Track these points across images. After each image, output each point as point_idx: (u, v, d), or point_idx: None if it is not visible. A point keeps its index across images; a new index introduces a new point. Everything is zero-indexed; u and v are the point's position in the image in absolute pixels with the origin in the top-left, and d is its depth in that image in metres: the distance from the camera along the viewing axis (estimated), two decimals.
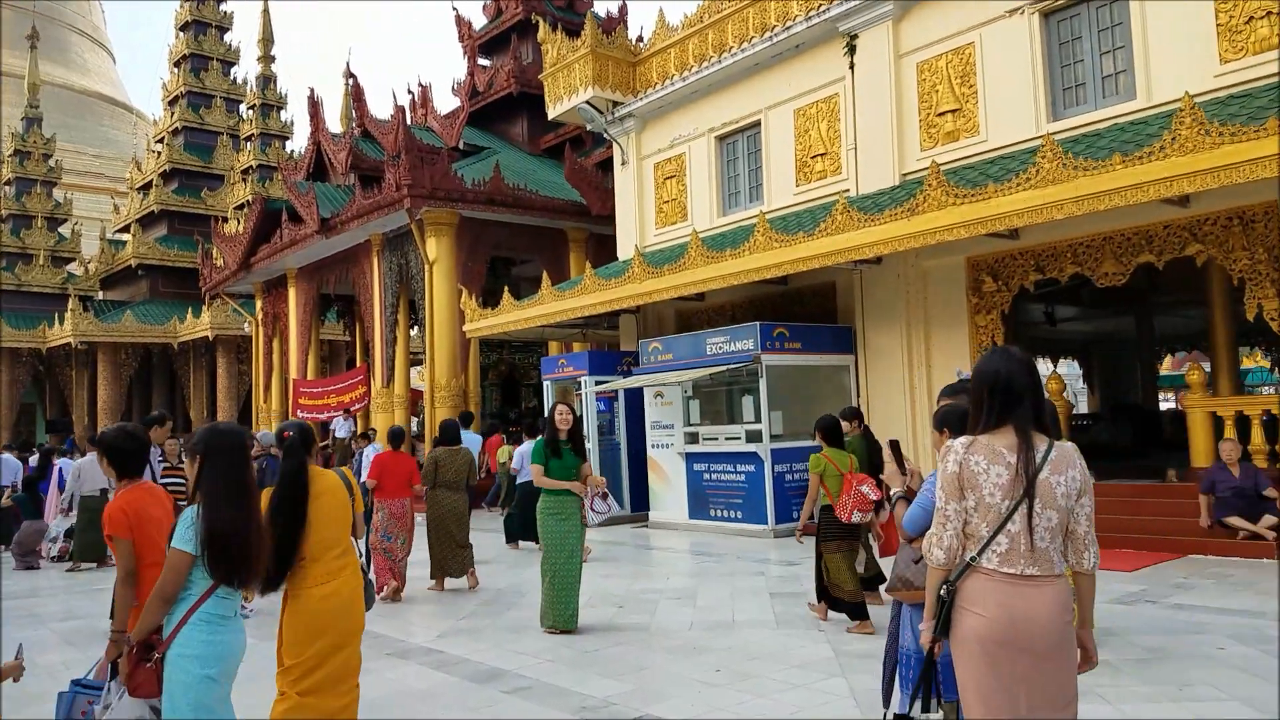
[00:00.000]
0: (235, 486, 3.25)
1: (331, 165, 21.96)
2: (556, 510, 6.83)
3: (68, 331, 29.81)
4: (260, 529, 3.34)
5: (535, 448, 6.96)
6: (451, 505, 8.85)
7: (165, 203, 32.62)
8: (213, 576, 3.18)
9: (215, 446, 3.30)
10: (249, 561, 3.24)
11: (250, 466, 3.40)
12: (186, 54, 33.76)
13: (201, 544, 3.14)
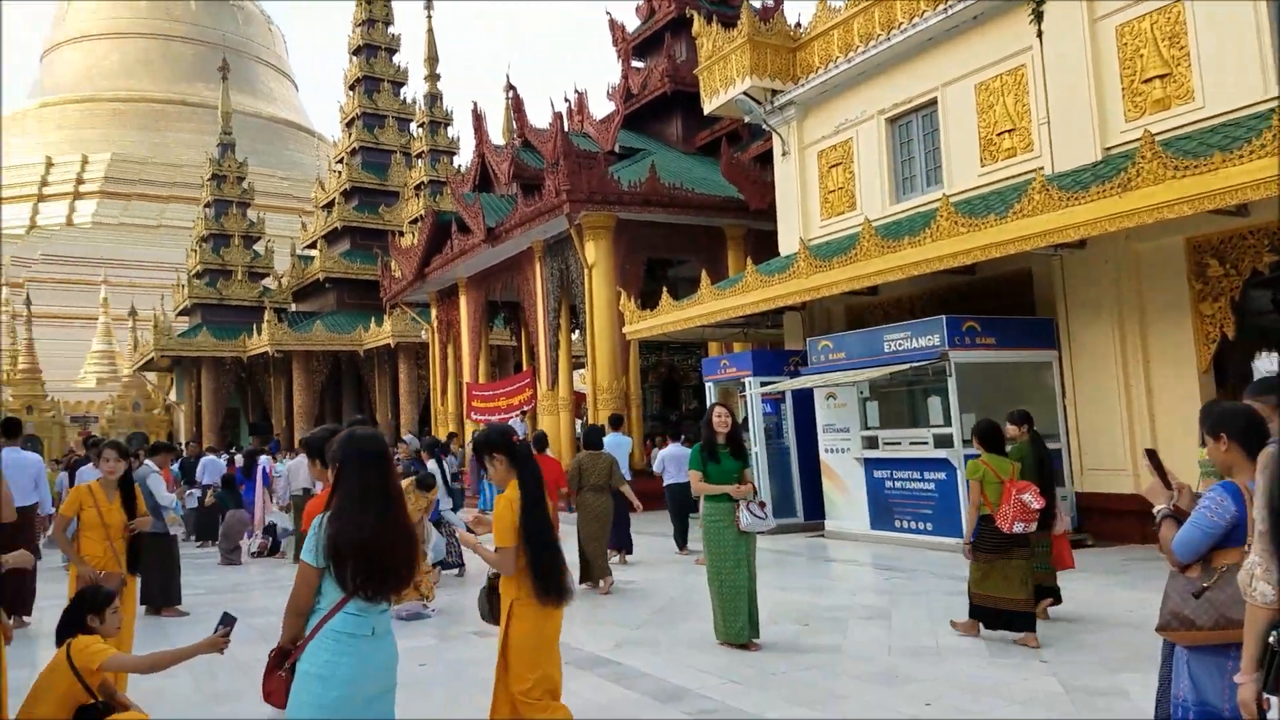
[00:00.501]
0: (370, 494, 3.03)
1: (495, 176, 22.45)
2: (720, 517, 6.45)
3: (265, 341, 32.09)
4: (404, 539, 3.09)
5: (693, 453, 6.68)
6: (598, 508, 9.06)
7: (347, 219, 34.53)
8: (340, 589, 2.96)
9: (351, 453, 3.10)
10: (385, 574, 3.00)
11: (392, 473, 3.18)
12: (360, 77, 35.60)
13: (326, 555, 2.94)
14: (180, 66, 66.45)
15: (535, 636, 3.83)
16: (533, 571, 3.77)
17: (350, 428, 3.37)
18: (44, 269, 53.89)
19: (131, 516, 5.55)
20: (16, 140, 64.68)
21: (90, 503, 5.44)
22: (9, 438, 8.78)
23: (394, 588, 3.06)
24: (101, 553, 5.39)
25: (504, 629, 3.83)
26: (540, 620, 3.84)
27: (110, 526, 5.43)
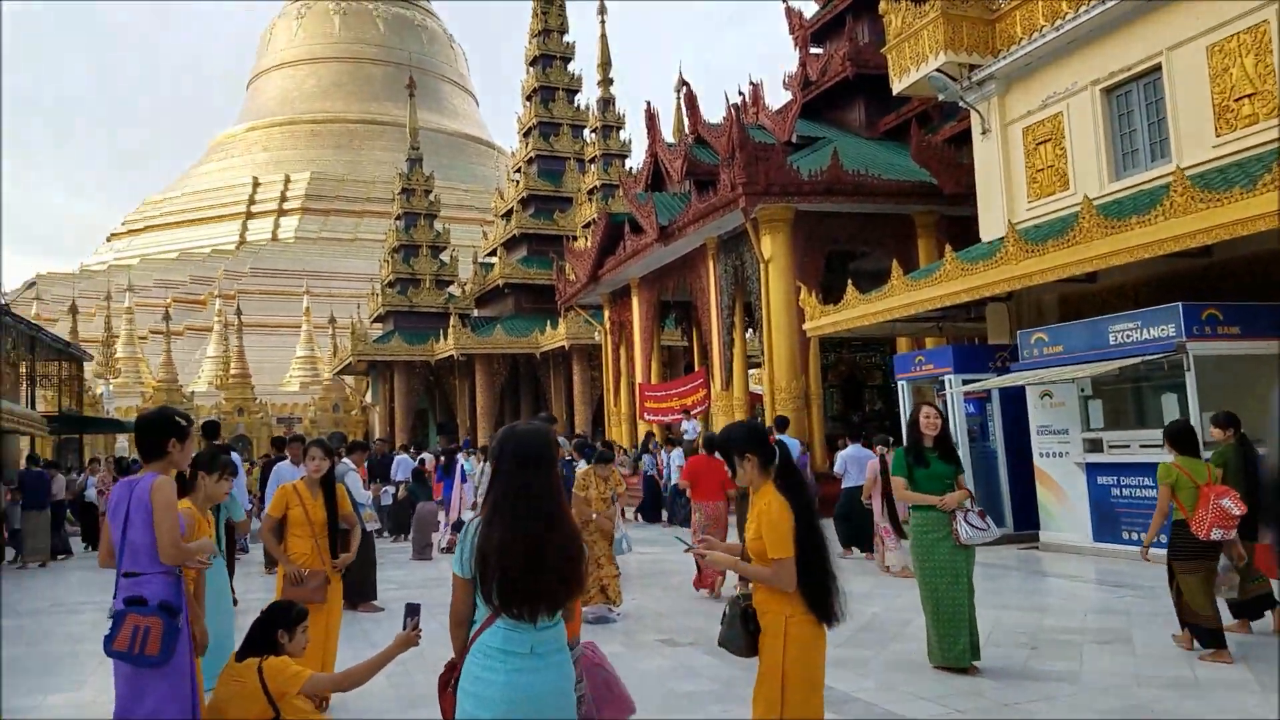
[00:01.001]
0: (524, 499, 2.68)
1: (668, 174, 22.24)
2: (932, 528, 5.80)
3: (450, 345, 33.47)
4: (562, 551, 2.69)
5: (896, 457, 6.08)
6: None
7: (523, 226, 35.51)
8: (486, 604, 2.66)
9: (507, 451, 2.74)
10: (533, 591, 2.64)
11: (553, 476, 2.79)
12: (536, 87, 36.53)
13: (474, 565, 2.64)
14: (371, 87, 70.71)
15: (813, 657, 3.36)
16: (808, 586, 3.30)
17: (511, 426, 2.98)
18: (252, 282, 58.53)
19: (334, 514, 5.50)
20: (227, 162, 70.80)
21: (296, 501, 5.44)
22: (209, 438, 9.53)
23: (546, 607, 2.68)
24: (308, 551, 5.37)
25: (778, 652, 3.33)
26: (816, 640, 3.35)
27: (315, 524, 5.40)
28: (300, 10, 73.41)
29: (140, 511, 3.62)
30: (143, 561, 3.64)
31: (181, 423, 3.81)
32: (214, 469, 4.48)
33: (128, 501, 3.67)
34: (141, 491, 3.64)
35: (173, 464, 3.79)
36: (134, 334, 50.60)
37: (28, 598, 10.50)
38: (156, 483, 3.64)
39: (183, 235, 65.74)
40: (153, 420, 3.80)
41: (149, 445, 3.74)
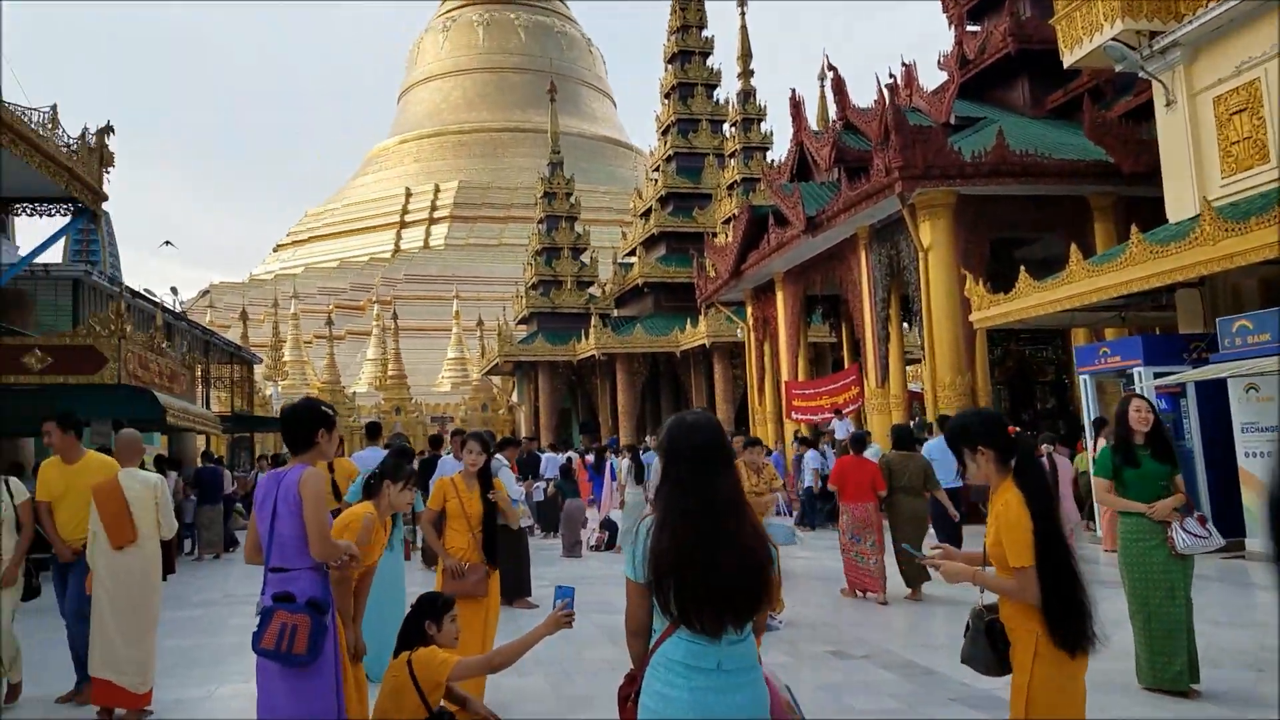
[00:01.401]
0: (699, 496, 2.40)
1: (815, 163, 21.53)
2: (1144, 535, 5.13)
3: (591, 345, 33.71)
4: (746, 556, 2.35)
5: (1101, 456, 5.39)
6: (911, 511, 8.79)
7: (662, 225, 35.39)
8: (664, 613, 2.40)
9: (679, 444, 2.45)
10: (716, 600, 2.34)
11: (730, 470, 2.46)
12: (675, 84, 36.33)
13: (648, 570, 2.38)
14: (513, 95, 72.55)
15: (1067, 683, 2.91)
16: (1050, 604, 2.83)
17: (680, 415, 2.62)
18: (406, 287, 60.99)
19: (490, 508, 5.36)
20: (381, 174, 74.12)
21: (453, 494, 5.31)
22: (371, 439, 10.12)
23: (732, 618, 2.34)
24: (465, 545, 5.25)
25: (1025, 673, 2.92)
26: (1071, 663, 2.88)
27: (471, 517, 5.25)
28: (446, 24, 76.07)
29: (288, 504, 3.49)
30: (291, 556, 3.51)
31: (328, 412, 3.69)
32: (399, 477, 4.35)
33: (275, 494, 3.54)
34: (290, 483, 3.51)
35: (321, 455, 3.66)
36: (299, 338, 53.53)
37: (203, 588, 10.97)
38: (305, 474, 3.51)
39: (342, 245, 69.23)
40: (299, 411, 3.68)
41: (297, 436, 3.63)
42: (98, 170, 12.75)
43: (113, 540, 5.54)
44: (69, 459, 5.90)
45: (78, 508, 5.72)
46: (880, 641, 6.90)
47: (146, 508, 5.72)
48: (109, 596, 5.54)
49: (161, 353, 13.90)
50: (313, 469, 3.56)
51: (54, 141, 11.53)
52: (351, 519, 4.04)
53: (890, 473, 8.83)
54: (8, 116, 10.35)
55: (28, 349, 12.01)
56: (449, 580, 5.13)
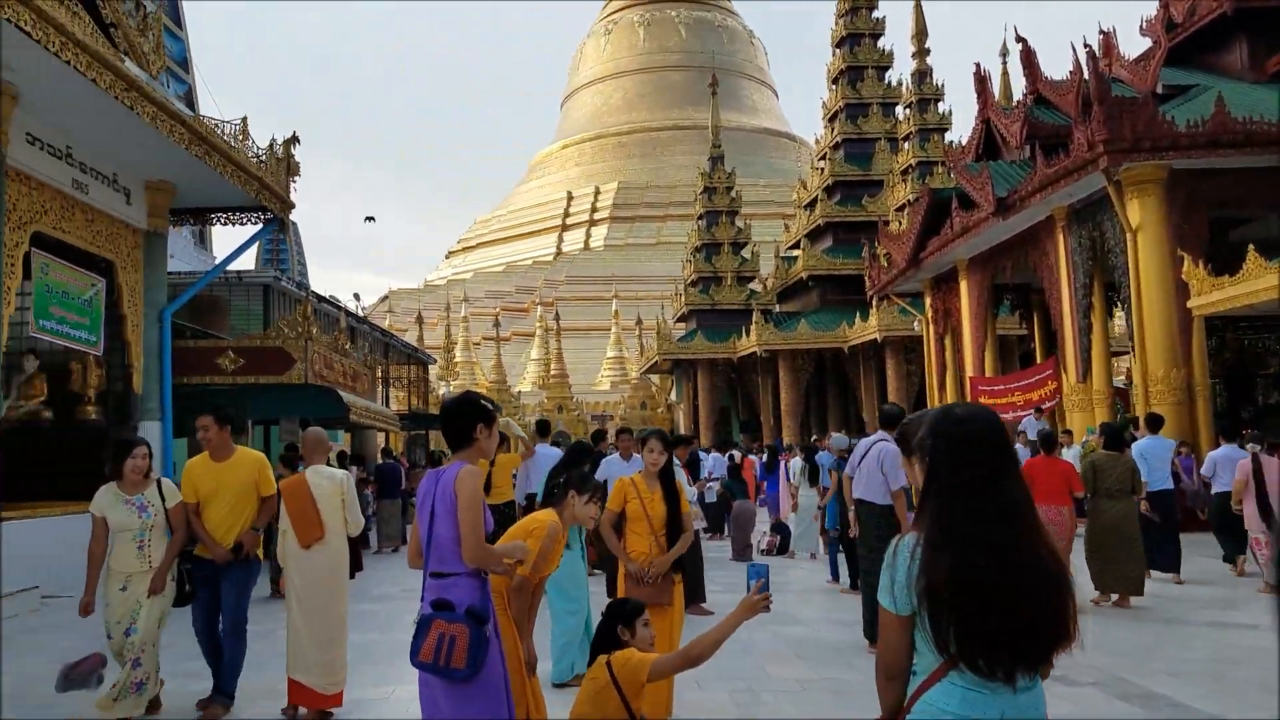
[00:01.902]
0: (983, 505, 1.92)
1: (1003, 141, 20.04)
2: None
3: (753, 342, 32.92)
4: (1046, 578, 1.89)
5: None
6: (1113, 516, 8.27)
7: (829, 215, 34.18)
8: (938, 651, 1.89)
9: (951, 440, 1.98)
10: (1011, 634, 1.85)
11: (1017, 475, 1.95)
12: (843, 68, 35.04)
13: (919, 596, 1.90)
14: (673, 94, 72.62)
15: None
16: None
17: (947, 406, 2.03)
18: (568, 289, 62.05)
19: (673, 509, 4.85)
20: (544, 180, 75.88)
21: (634, 495, 4.85)
22: (541, 436, 10.79)
23: (1029, 658, 1.84)
24: (647, 549, 4.79)
25: None
26: None
27: (654, 519, 4.78)
28: (607, 27, 77.04)
29: (445, 504, 3.19)
30: (449, 560, 3.18)
31: (488, 407, 3.35)
32: (585, 489, 3.93)
33: (434, 493, 3.24)
34: (446, 482, 3.21)
35: (480, 452, 3.34)
36: (469, 340, 55.38)
37: (382, 580, 11.08)
38: (462, 473, 3.18)
39: (508, 249, 71.33)
40: (458, 406, 3.37)
41: (455, 432, 3.33)
42: (285, 179, 13.19)
43: (300, 538, 5.44)
44: (220, 456, 5.46)
45: (230, 506, 5.40)
46: (1109, 667, 5.98)
47: (333, 504, 5.61)
48: (298, 596, 5.46)
49: (345, 353, 14.30)
50: (470, 467, 3.23)
51: (244, 153, 11.96)
52: (535, 526, 3.65)
53: (1095, 474, 8.36)
54: (204, 130, 10.74)
55: (221, 351, 12.57)
56: (631, 586, 4.70)
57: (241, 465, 5.47)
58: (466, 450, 3.30)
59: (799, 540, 12.04)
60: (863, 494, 6.66)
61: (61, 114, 9.45)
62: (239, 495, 5.39)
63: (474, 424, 3.28)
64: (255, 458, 5.61)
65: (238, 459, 5.47)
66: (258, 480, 5.50)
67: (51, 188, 9.78)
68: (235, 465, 5.45)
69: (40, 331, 9.64)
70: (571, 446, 7.63)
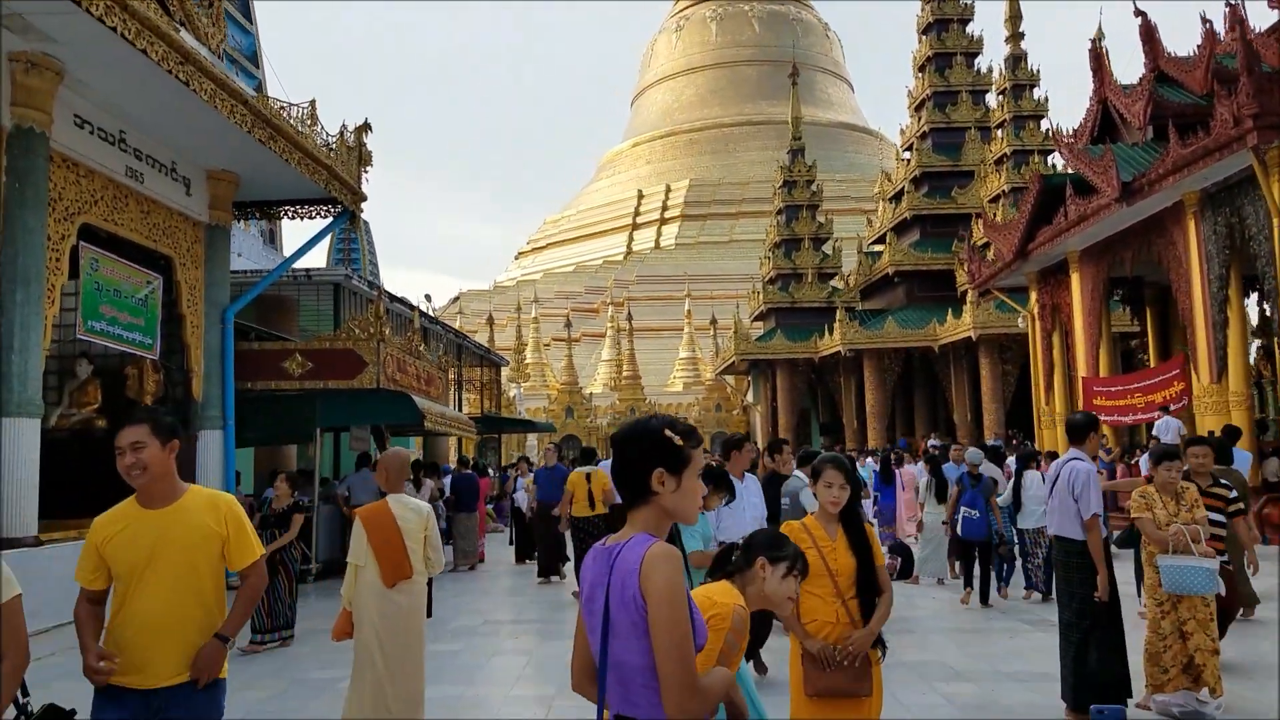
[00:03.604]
0: None
1: (1123, 121, 18.34)
2: None
3: (837, 341, 31.43)
4: None
5: None
6: None
7: (916, 208, 32.54)
8: None
9: None
10: None
11: None
12: (930, 55, 33.39)
13: None
14: (745, 89, 71.19)
15: None
16: None
17: None
18: (638, 289, 61.10)
19: (865, 561, 3.60)
20: (614, 179, 75.08)
21: (809, 543, 3.57)
22: None
23: None
24: (832, 616, 3.57)
25: None
26: None
27: (839, 575, 3.58)
28: (679, 23, 75.92)
29: (626, 609, 1.93)
30: (641, 700, 1.93)
31: (674, 442, 2.05)
32: (780, 556, 2.69)
33: (606, 587, 1.98)
34: (626, 575, 1.94)
35: (667, 512, 2.05)
36: (539, 341, 54.84)
37: (460, 609, 10.07)
38: (650, 560, 1.92)
39: (577, 250, 70.70)
40: (625, 439, 2.09)
41: (627, 481, 2.06)
42: (357, 169, 12.37)
43: (386, 576, 4.78)
44: (157, 499, 3.14)
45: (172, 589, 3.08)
46: None
47: (416, 540, 4.94)
48: (380, 643, 4.76)
49: (419, 355, 13.42)
50: (661, 549, 1.96)
51: (313, 139, 11.12)
52: (715, 613, 2.36)
53: None
54: (268, 112, 9.90)
55: (288, 354, 11.76)
56: (812, 671, 3.45)
57: (194, 514, 3.13)
58: (642, 508, 2.05)
59: (924, 564, 10.67)
60: (1058, 528, 5.35)
61: (112, 92, 8.69)
62: (190, 569, 3.08)
63: (649, 468, 2.03)
64: (219, 503, 3.23)
65: (188, 504, 3.15)
66: (228, 541, 3.15)
67: (103, 175, 9.02)
68: (183, 515, 3.12)
69: (88, 333, 8.88)
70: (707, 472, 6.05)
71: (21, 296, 7.63)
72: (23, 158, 7.69)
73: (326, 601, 10.42)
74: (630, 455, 2.04)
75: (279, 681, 6.60)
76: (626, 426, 2.10)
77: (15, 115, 7.71)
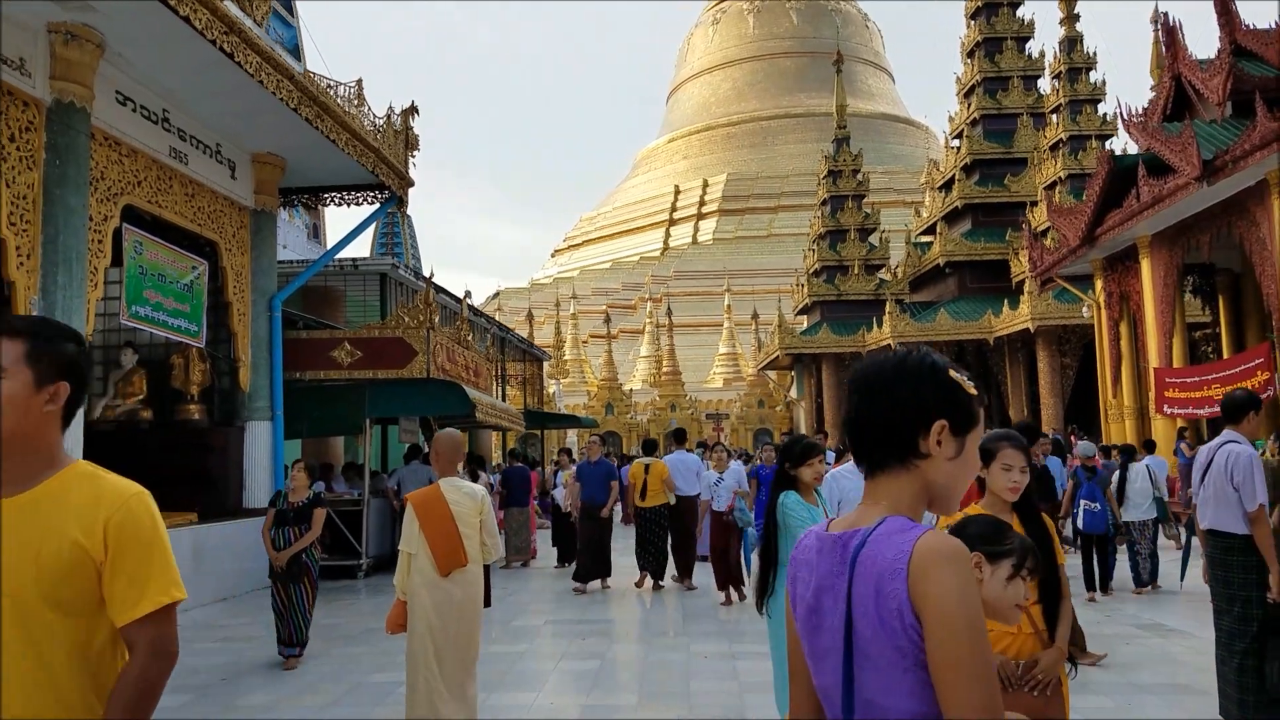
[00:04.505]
0: None
1: (1198, 98, 17.43)
2: None
3: (887, 334, 30.58)
4: None
5: None
6: None
7: (967, 196, 31.63)
8: None
9: None
10: None
11: None
12: (979, 40, 32.47)
13: None
14: (784, 81, 70.29)
15: None
16: None
17: None
18: (676, 284, 60.51)
19: (1051, 563, 3.02)
20: (650, 174, 74.55)
21: None
22: (679, 443, 11.37)
23: None
24: (1014, 627, 2.95)
25: None
26: None
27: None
28: (715, 16, 75.19)
29: (889, 629, 1.31)
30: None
31: (967, 390, 1.47)
32: (1004, 552, 2.08)
33: (846, 592, 1.36)
34: (883, 572, 1.32)
35: (930, 488, 1.44)
36: (578, 338, 54.47)
37: (517, 608, 9.59)
38: (930, 550, 1.31)
39: (614, 246, 70.24)
40: (886, 373, 1.47)
41: (876, 437, 1.45)
42: (404, 153, 11.97)
43: (441, 565, 4.47)
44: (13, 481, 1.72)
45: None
46: None
47: (471, 525, 4.59)
48: (433, 636, 4.47)
49: (467, 346, 12.96)
50: (943, 539, 1.33)
51: (360, 120, 10.70)
52: None
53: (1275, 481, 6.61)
54: (315, 89, 9.47)
55: (337, 343, 11.35)
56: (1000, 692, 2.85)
57: (53, 513, 1.68)
58: (891, 477, 1.44)
59: None
60: (1213, 522, 4.68)
61: (154, 67, 8.32)
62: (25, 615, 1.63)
63: (923, 420, 1.42)
64: (106, 497, 1.71)
65: (51, 493, 1.70)
66: (105, 568, 1.67)
67: (146, 155, 8.65)
68: (36, 511, 1.67)
69: (133, 319, 8.50)
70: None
71: (63, 279, 7.26)
72: (63, 134, 7.32)
73: (379, 598, 10.01)
74: (898, 397, 1.42)
75: (337, 686, 6.15)
76: (883, 362, 1.49)
77: (55, 89, 7.34)
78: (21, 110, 7.08)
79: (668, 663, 6.58)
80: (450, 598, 4.50)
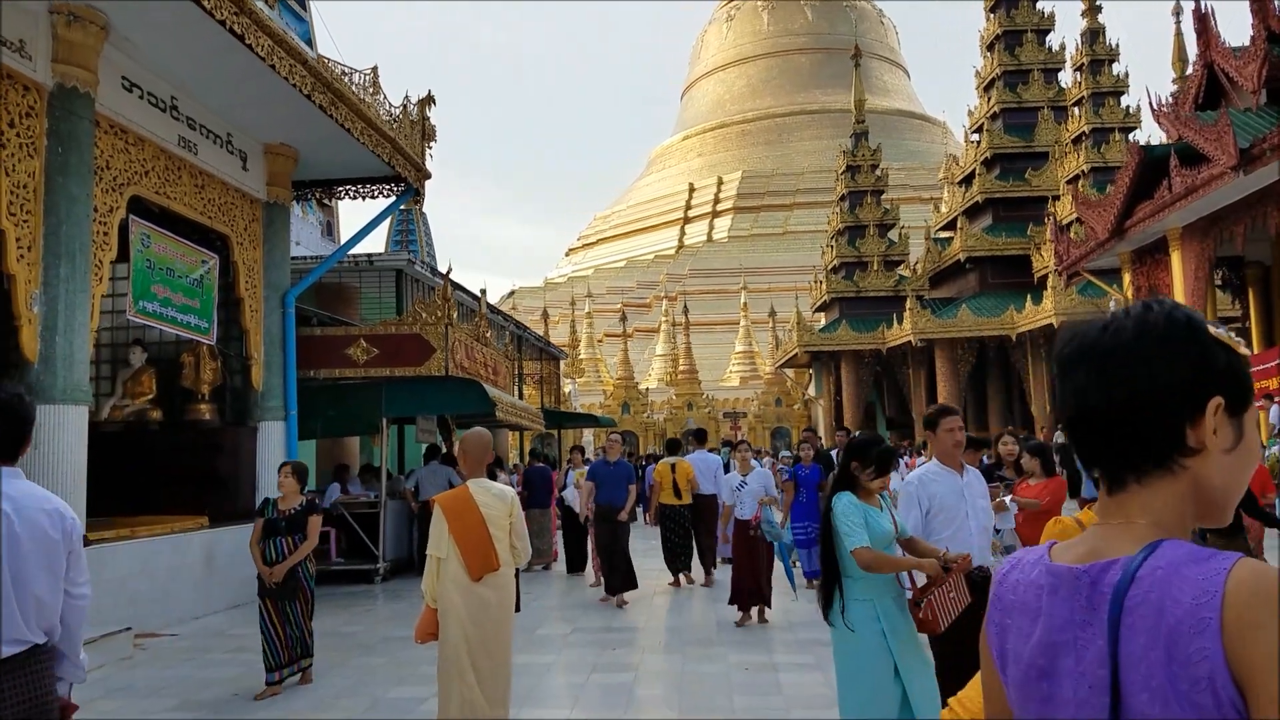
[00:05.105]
0: None
1: (1232, 86, 16.94)
2: None
3: (907, 330, 30.18)
4: None
5: None
6: None
7: (988, 190, 31.15)
8: None
9: None
10: None
11: None
12: (999, 33, 31.97)
13: None
14: (798, 78, 69.80)
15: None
16: None
17: None
18: (691, 283, 60.10)
19: None
20: (665, 172, 74.16)
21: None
22: (700, 443, 11.46)
23: None
24: None
25: None
26: None
27: None
28: (729, 13, 74.76)
29: (1192, 698, 0.89)
30: None
31: (1241, 352, 1.08)
32: None
33: (1109, 640, 0.95)
34: (1178, 617, 0.92)
35: (1201, 492, 1.04)
36: (593, 337, 54.14)
37: (541, 614, 9.23)
38: (1254, 584, 0.90)
39: (628, 244, 69.90)
40: (1157, 341, 1.06)
41: (1131, 425, 1.04)
42: (421, 144, 11.63)
43: (472, 569, 4.28)
44: None
45: None
46: None
47: (501, 528, 4.40)
48: (468, 642, 4.27)
49: (486, 342, 12.61)
50: (1265, 570, 0.91)
51: (375, 109, 10.36)
52: None
53: None
54: (329, 75, 9.13)
55: (352, 340, 11.02)
56: None
57: None
58: (1147, 485, 1.05)
59: None
60: None
61: (161, 52, 7.99)
62: None
63: (1192, 402, 1.02)
64: None
65: None
66: None
67: (154, 144, 8.32)
68: None
69: (140, 314, 8.18)
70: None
71: (66, 271, 6.93)
72: (65, 120, 7.00)
73: (397, 604, 9.67)
74: (1152, 373, 1.03)
75: (355, 701, 5.80)
76: (1117, 326, 1.10)
77: (57, 73, 7.03)
78: (22, 95, 6.77)
79: (705, 675, 6.21)
80: (484, 603, 4.29)
